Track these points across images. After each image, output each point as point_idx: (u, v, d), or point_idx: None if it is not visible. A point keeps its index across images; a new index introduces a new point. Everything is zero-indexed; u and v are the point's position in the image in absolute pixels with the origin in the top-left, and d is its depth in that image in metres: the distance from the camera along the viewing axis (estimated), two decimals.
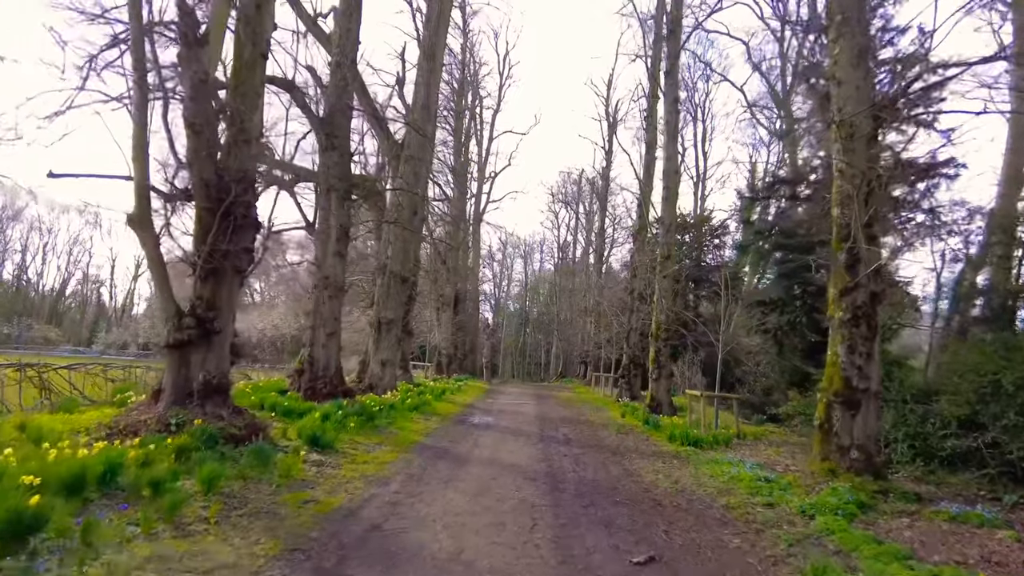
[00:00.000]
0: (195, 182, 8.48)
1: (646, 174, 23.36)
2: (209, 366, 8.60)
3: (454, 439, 11.57)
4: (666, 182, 18.44)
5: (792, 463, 10.25)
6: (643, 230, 23.46)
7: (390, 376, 17.05)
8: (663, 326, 17.82)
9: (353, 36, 14.24)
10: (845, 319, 7.85)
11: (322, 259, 13.46)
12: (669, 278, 18.19)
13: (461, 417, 15.69)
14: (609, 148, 42.58)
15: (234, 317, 9.14)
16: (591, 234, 52.04)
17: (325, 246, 13.48)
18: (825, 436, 7.91)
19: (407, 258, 17.30)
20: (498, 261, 62.52)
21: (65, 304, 66.36)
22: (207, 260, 8.51)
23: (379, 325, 17.00)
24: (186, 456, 7.06)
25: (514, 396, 26.09)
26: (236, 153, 8.80)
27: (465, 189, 38.70)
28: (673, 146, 18.63)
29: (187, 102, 8.27)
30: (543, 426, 14.63)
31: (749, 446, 12.39)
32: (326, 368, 13.21)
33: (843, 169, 8.04)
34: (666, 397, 17.79)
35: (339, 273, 13.57)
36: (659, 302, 17.91)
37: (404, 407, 14.94)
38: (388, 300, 16.97)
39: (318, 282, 13.44)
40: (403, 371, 22.45)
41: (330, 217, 13.51)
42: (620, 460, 10.18)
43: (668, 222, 18.25)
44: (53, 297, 64.70)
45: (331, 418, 10.94)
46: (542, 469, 8.89)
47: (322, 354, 13.22)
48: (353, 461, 8.79)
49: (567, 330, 53.04)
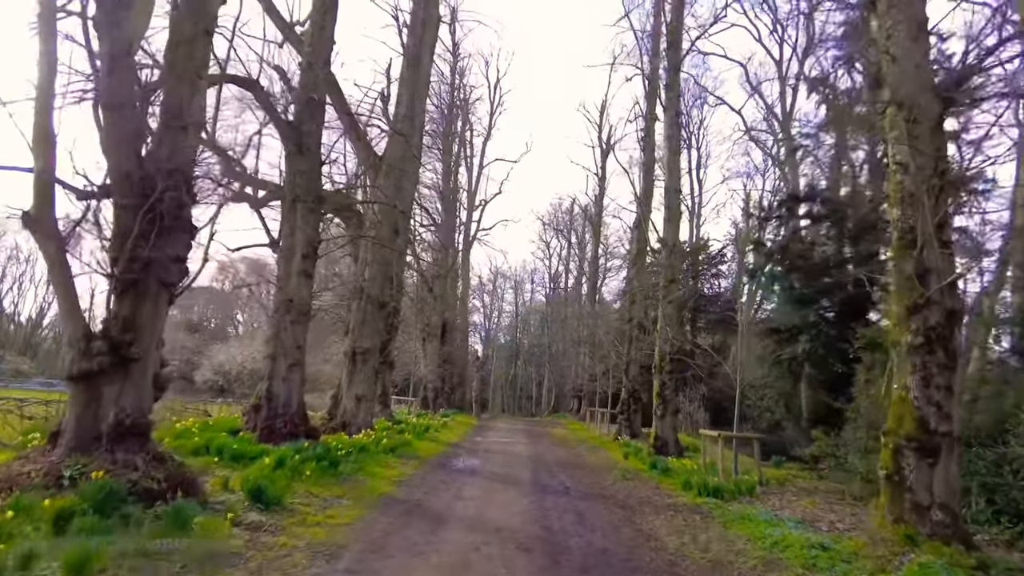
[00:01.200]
0: (112, 173, 6.91)
1: (644, 196, 22.07)
2: (125, 402, 6.87)
3: (432, 489, 9.79)
4: (668, 201, 17.11)
5: (838, 519, 8.57)
6: (642, 255, 22.06)
7: (365, 413, 15.24)
8: (668, 356, 16.22)
9: (327, 34, 12.92)
10: (916, 344, 6.30)
11: (285, 279, 11.82)
12: (674, 304, 16.70)
13: (444, 459, 13.87)
14: (602, 175, 41.61)
15: (160, 342, 7.45)
16: (583, 263, 50.78)
17: (289, 264, 11.86)
18: (896, 491, 6.28)
19: (386, 281, 15.68)
20: (488, 292, 60.94)
21: (40, 335, 63.72)
22: (125, 270, 6.88)
23: (354, 355, 15.27)
24: (66, 523, 5.33)
25: (504, 433, 24.21)
26: (168, 141, 7.25)
27: (454, 215, 37.35)
28: (676, 162, 17.36)
29: (103, 78, 6.75)
30: (537, 471, 12.85)
31: (776, 494, 10.70)
32: (287, 404, 11.44)
33: (903, 162, 6.62)
34: (672, 436, 16.08)
35: (304, 295, 11.93)
36: (663, 331, 16.36)
37: (378, 449, 13.12)
38: (364, 327, 15.29)
39: (280, 305, 11.77)
40: (382, 407, 20.61)
41: (296, 232, 11.93)
42: (631, 517, 8.44)
43: (671, 243, 16.84)
44: (28, 328, 62.07)
45: (286, 464, 9.16)
46: (538, 532, 7.15)
47: (282, 388, 11.47)
48: (302, 522, 7.02)
49: (560, 362, 51.22)
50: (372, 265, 15.29)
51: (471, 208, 43.11)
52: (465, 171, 42.47)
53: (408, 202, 18.92)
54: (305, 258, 11.92)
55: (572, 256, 53.97)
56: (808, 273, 15.35)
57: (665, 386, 16.20)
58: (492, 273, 60.19)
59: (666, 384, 16.23)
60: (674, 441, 16.04)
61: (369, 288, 15.28)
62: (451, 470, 12.17)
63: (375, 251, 15.22)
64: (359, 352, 15.24)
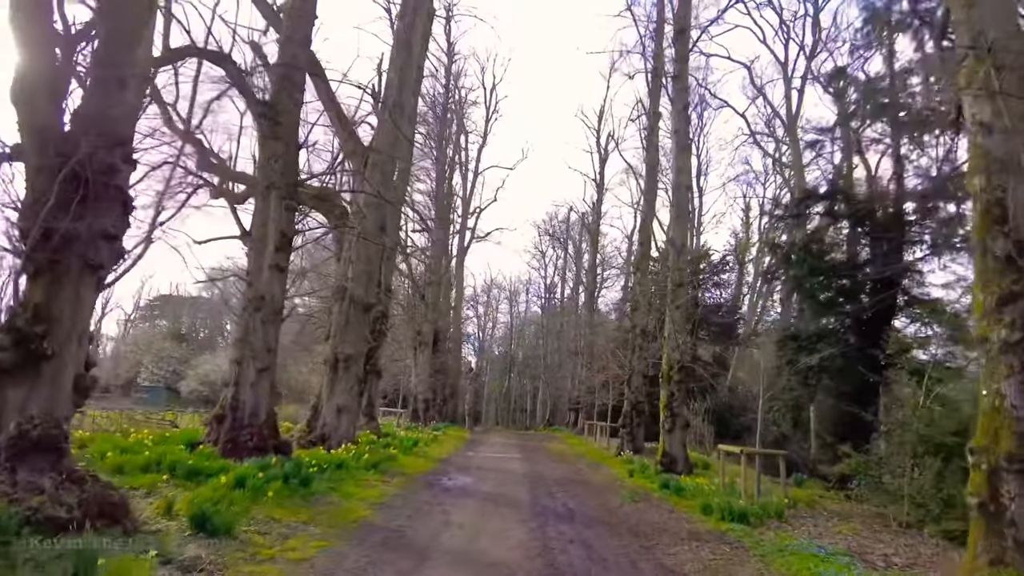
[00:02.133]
0: (23, 128, 5.65)
1: (648, 199, 20.98)
2: (32, 409, 5.56)
3: (416, 513, 8.46)
4: (676, 199, 15.97)
5: (892, 551, 7.31)
6: (645, 258, 20.86)
7: (347, 425, 13.90)
8: (677, 365, 14.98)
9: (309, 7, 11.77)
10: (1012, 341, 5.09)
11: (255, 273, 10.53)
12: (683, 308, 15.49)
13: (432, 477, 12.53)
14: (601, 181, 40.60)
15: (87, 337, 6.15)
16: (580, 272, 49.58)
17: (260, 257, 10.58)
18: (992, 524, 5.03)
19: (372, 281, 14.40)
20: (482, 303, 59.48)
21: None
22: (38, 246, 5.60)
23: (335, 362, 13.95)
24: None
25: (498, 447, 22.83)
26: (99, 96, 6.01)
27: (448, 220, 36.14)
28: (684, 158, 16.25)
29: (11, 7, 5.53)
30: (535, 491, 11.53)
31: (808, 519, 9.43)
32: (254, 414, 10.10)
33: (987, 121, 5.46)
34: (682, 452, 14.78)
35: (277, 291, 10.64)
36: (671, 337, 15.13)
37: (359, 464, 11.79)
38: (347, 331, 13.98)
39: (249, 303, 10.47)
40: (368, 419, 19.23)
41: (268, 222, 10.67)
42: (649, 548, 7.15)
43: (680, 243, 15.67)
44: None
45: (247, 483, 7.86)
46: (541, 570, 5.85)
47: (250, 395, 10.13)
48: (252, 556, 5.72)
49: (555, 374, 49.82)
50: (356, 263, 14.02)
51: (465, 215, 41.94)
52: (460, 177, 41.39)
53: (398, 197, 17.71)
54: (278, 251, 10.65)
55: (568, 266, 52.79)
56: (828, 275, 14.19)
57: (674, 397, 14.94)
58: (487, 284, 58.91)
59: (675, 395, 14.96)
60: (683, 458, 14.75)
61: (353, 289, 13.99)
62: (440, 489, 10.84)
63: (360, 248, 13.95)
64: (341, 359, 13.92)
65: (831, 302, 14.14)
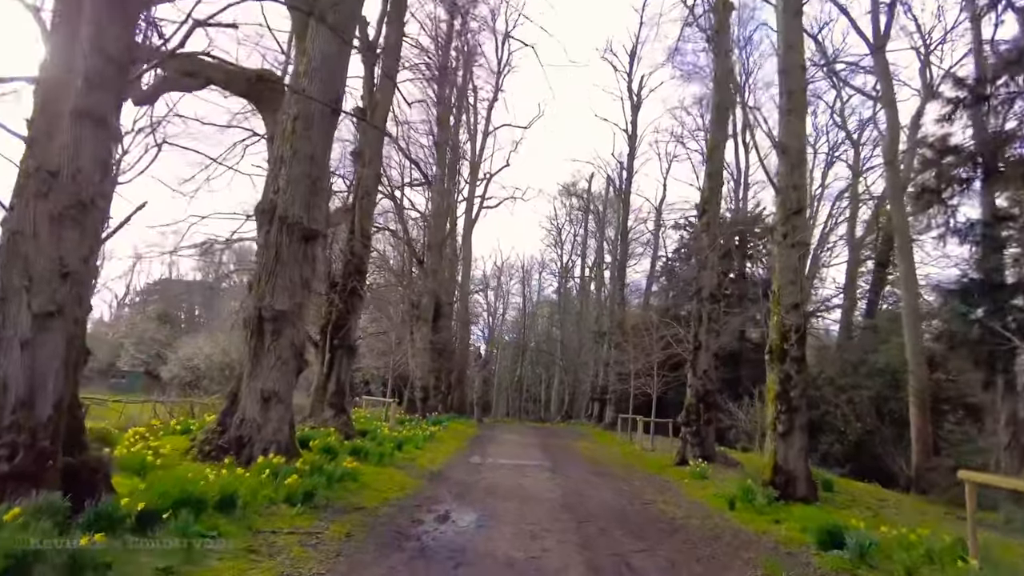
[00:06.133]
0: None
1: (718, 116, 15.48)
2: None
3: None
4: (788, 84, 10.53)
5: None
6: (714, 196, 15.35)
7: (278, 422, 8.71)
8: (795, 333, 9.64)
9: None
10: None
11: (41, 127, 5.31)
12: (798, 247, 10.13)
13: (406, 518, 7.26)
14: (633, 132, 34.98)
15: None
16: (603, 243, 44.07)
17: (54, 102, 5.35)
18: None
19: (318, 194, 9.12)
20: (492, 289, 53.69)
21: None
22: None
23: (259, 324, 8.75)
24: None
25: (512, 448, 17.49)
26: None
27: (453, 173, 30.77)
28: (796, 25, 10.82)
29: None
30: (590, 547, 6.23)
31: None
32: (25, 403, 4.93)
33: None
34: (803, 466, 9.48)
35: (87, 163, 5.40)
36: (784, 290, 9.79)
37: (276, 495, 6.65)
38: (277, 275, 8.76)
39: (25, 180, 5.26)
40: (336, 411, 14.06)
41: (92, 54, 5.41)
42: None
43: (797, 149, 10.28)
44: None
45: None
46: None
47: (18, 365, 4.97)
48: None
49: (574, 361, 44.49)
50: (292, 162, 8.74)
51: (474, 181, 36.56)
52: (467, 133, 35.97)
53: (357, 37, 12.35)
54: (92, 87, 5.40)
55: (589, 240, 47.19)
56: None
57: (790, 382, 9.61)
58: (497, 267, 53.34)
59: (791, 379, 9.63)
60: (805, 475, 9.46)
61: (286, 205, 8.75)
62: (409, 554, 5.59)
63: (296, 139, 8.67)
64: (267, 318, 8.74)
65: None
